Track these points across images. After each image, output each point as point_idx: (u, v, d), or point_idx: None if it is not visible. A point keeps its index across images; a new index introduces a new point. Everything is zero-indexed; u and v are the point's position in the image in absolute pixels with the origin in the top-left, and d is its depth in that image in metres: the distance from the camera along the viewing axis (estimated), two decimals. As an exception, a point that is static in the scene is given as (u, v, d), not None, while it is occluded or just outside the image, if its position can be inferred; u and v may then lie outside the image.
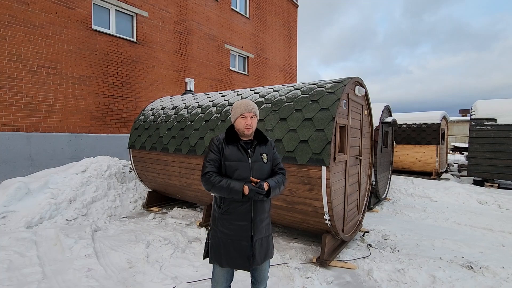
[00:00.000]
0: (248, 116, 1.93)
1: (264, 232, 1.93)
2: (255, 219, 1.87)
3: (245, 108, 1.93)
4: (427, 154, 9.73)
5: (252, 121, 1.94)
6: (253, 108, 1.96)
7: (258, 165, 1.92)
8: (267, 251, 1.97)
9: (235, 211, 1.86)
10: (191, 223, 4.62)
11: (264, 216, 1.93)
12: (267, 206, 1.97)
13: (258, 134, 2.02)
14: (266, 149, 2.00)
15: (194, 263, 3.16)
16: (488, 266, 3.17)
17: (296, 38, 16.19)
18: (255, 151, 1.94)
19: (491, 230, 4.57)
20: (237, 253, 1.85)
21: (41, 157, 6.41)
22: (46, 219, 4.25)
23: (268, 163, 1.97)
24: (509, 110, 7.80)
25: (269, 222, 2.00)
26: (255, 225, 1.87)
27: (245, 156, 1.91)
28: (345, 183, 3.54)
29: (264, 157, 1.95)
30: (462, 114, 29.15)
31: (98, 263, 3.05)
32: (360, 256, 3.48)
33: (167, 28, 9.23)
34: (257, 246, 1.89)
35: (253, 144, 1.96)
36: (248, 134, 1.93)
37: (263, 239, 1.93)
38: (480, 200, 6.27)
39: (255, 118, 1.98)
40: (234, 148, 1.92)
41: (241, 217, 1.86)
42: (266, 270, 2.05)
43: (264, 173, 1.94)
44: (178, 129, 4.60)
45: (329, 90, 3.34)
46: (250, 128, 1.93)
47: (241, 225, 1.85)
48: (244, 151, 1.92)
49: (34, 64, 6.36)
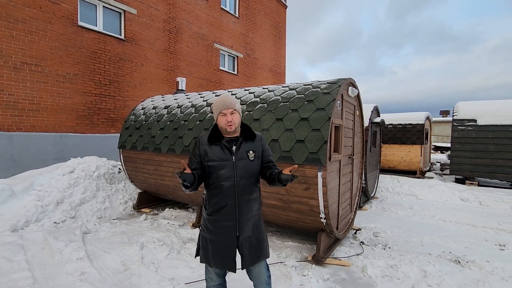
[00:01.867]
0: (227, 113, 1.82)
1: (252, 231, 1.87)
2: (240, 219, 1.83)
3: (222, 104, 1.83)
4: (412, 154, 10.06)
5: (233, 117, 1.83)
6: (231, 103, 1.84)
7: (243, 163, 1.84)
8: (259, 250, 1.88)
9: (220, 212, 1.83)
10: (184, 224, 4.57)
11: (250, 215, 1.87)
12: (254, 205, 1.90)
13: (245, 130, 1.92)
14: (254, 145, 1.90)
15: (190, 264, 3.14)
16: (474, 260, 3.33)
17: (285, 39, 16.31)
18: (240, 149, 1.85)
19: (474, 226, 4.79)
20: (224, 254, 1.82)
21: (24, 157, 6.15)
22: (32, 222, 4.09)
23: (255, 161, 1.88)
24: (488, 111, 8.19)
25: (258, 220, 1.93)
26: (240, 225, 1.83)
27: (228, 155, 1.83)
28: (339, 182, 3.62)
29: (251, 154, 1.86)
30: (442, 114, 30.28)
31: (91, 266, 2.97)
32: (353, 254, 3.56)
33: (156, 26, 9.08)
34: (245, 245, 1.83)
35: (238, 141, 1.87)
36: (231, 131, 1.84)
37: (251, 238, 1.86)
38: (463, 197, 6.55)
39: (236, 113, 1.86)
40: (217, 148, 1.85)
41: (226, 217, 1.82)
42: (262, 273, 1.95)
43: (250, 171, 1.86)
44: (171, 128, 4.54)
45: (324, 90, 3.40)
46: (232, 124, 1.82)
47: (227, 226, 1.82)
48: (228, 150, 1.84)
49: (17, 61, 6.09)
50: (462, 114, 8.52)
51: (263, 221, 2.01)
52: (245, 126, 1.95)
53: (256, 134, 1.95)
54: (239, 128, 1.91)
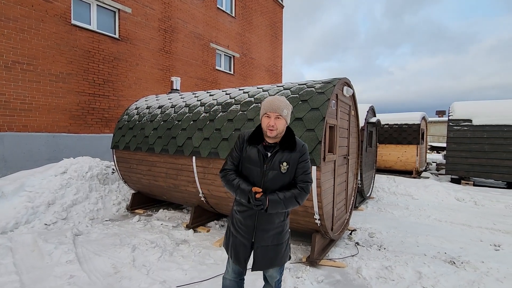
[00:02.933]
0: (272, 116, 1.69)
1: (271, 241, 1.79)
2: (258, 228, 1.78)
3: (269, 106, 1.71)
4: (408, 154, 10.07)
5: (277, 122, 1.69)
6: (279, 108, 1.69)
7: (274, 174, 1.71)
8: (274, 259, 1.82)
9: (242, 213, 1.82)
10: (178, 225, 4.51)
11: (271, 227, 1.79)
12: (277, 218, 1.79)
13: (286, 137, 1.77)
14: (290, 156, 1.73)
15: (183, 266, 3.08)
16: (469, 261, 3.31)
17: (282, 39, 16.29)
18: (274, 158, 1.72)
19: (470, 226, 4.78)
20: (238, 251, 1.83)
21: (15, 158, 6.05)
22: (22, 224, 4.01)
23: (287, 174, 1.73)
24: (483, 111, 8.22)
25: (280, 232, 1.82)
26: (257, 234, 1.79)
27: (261, 161, 1.73)
28: (334, 183, 3.58)
29: (284, 166, 1.71)
30: (438, 115, 30.49)
31: (81, 269, 2.90)
32: (348, 255, 3.53)
33: (151, 25, 9.00)
34: (259, 253, 1.79)
35: (274, 149, 1.75)
36: (271, 136, 1.71)
37: (269, 248, 1.79)
38: (458, 197, 6.56)
39: (282, 119, 1.71)
40: (254, 150, 1.76)
41: (246, 221, 1.81)
42: (274, 271, 1.92)
43: (278, 184, 1.73)
44: (164, 128, 4.48)
45: (319, 90, 3.36)
46: (274, 130, 1.69)
47: (245, 230, 1.81)
48: (262, 156, 1.73)
49: (8, 60, 5.99)
50: (457, 114, 8.54)
51: (288, 229, 1.91)
52: (289, 133, 1.79)
53: (297, 143, 1.78)
54: (281, 135, 1.77)
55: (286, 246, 1.89)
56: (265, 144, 1.78)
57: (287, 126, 1.80)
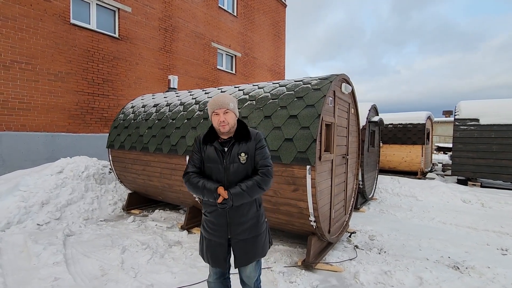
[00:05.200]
0: (220, 113, 1.73)
1: (248, 233, 1.80)
2: (231, 223, 1.78)
3: (214, 104, 1.75)
4: (413, 154, 9.84)
5: (226, 117, 1.73)
6: (224, 103, 1.74)
7: (235, 166, 1.74)
8: (254, 251, 1.82)
9: (212, 213, 1.81)
10: (172, 226, 4.41)
11: (245, 219, 1.78)
12: (250, 208, 1.79)
13: (239, 129, 1.81)
14: (247, 147, 1.77)
15: (172, 269, 2.98)
16: (474, 266, 3.14)
17: (284, 38, 16.14)
18: (231, 151, 1.75)
19: (476, 229, 4.58)
20: (215, 253, 1.82)
21: (13, 157, 6.04)
22: (14, 224, 3.95)
23: (247, 164, 1.76)
24: (491, 110, 7.96)
25: (255, 223, 1.83)
26: (231, 229, 1.79)
27: (220, 158, 1.76)
28: (332, 183, 3.44)
29: (242, 157, 1.74)
30: (445, 115, 29.95)
31: (67, 272, 2.82)
32: (346, 258, 3.38)
33: (152, 24, 8.95)
34: (238, 248, 1.80)
35: (230, 143, 1.78)
36: (224, 131, 1.75)
37: (248, 240, 1.80)
38: (464, 199, 6.34)
39: (230, 112, 1.76)
40: (211, 149, 1.79)
41: (218, 220, 1.80)
42: (251, 270, 1.88)
43: (241, 176, 1.75)
44: (159, 127, 4.39)
45: (315, 86, 3.23)
46: (226, 125, 1.73)
47: (219, 228, 1.80)
48: (220, 152, 1.77)
49: (6, 59, 5.98)
50: (464, 114, 8.29)
51: (265, 220, 1.92)
52: (241, 125, 1.83)
53: (251, 133, 1.81)
54: (235, 129, 1.81)
55: (265, 237, 1.90)
56: (220, 141, 1.81)
57: (238, 119, 1.84)
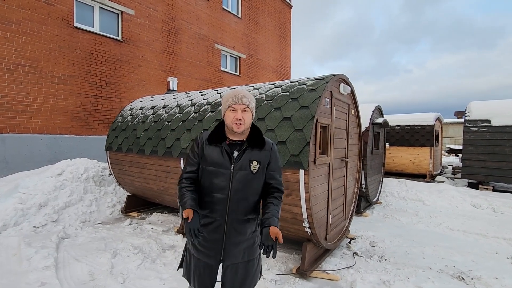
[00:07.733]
0: (238, 109, 1.48)
1: (242, 257, 1.55)
2: (228, 241, 1.52)
3: (234, 98, 1.49)
4: (421, 156, 9.54)
5: (244, 116, 1.49)
6: (245, 99, 1.49)
7: (243, 174, 1.50)
8: (245, 279, 1.57)
9: (207, 227, 1.53)
10: (168, 230, 4.35)
11: (242, 238, 1.54)
12: (249, 227, 1.56)
13: (254, 134, 1.58)
14: (261, 155, 1.54)
15: (162, 275, 2.90)
16: (481, 277, 2.95)
17: (290, 39, 16.02)
18: (242, 157, 1.51)
19: (485, 236, 4.35)
20: (204, 276, 1.54)
21: (16, 159, 6.11)
22: (10, 226, 3.96)
23: (258, 174, 1.53)
24: (503, 111, 7.63)
25: (251, 244, 1.58)
26: (226, 249, 1.52)
27: (227, 162, 1.50)
28: (329, 187, 3.30)
29: (254, 165, 1.51)
30: (457, 116, 29.14)
31: (55, 276, 2.77)
32: (344, 266, 3.23)
33: (155, 26, 8.99)
34: (229, 273, 1.54)
35: (242, 147, 1.53)
36: (238, 131, 1.49)
37: (239, 265, 1.55)
38: (474, 203, 6.07)
39: (249, 112, 1.52)
40: (217, 150, 1.53)
41: (212, 236, 1.53)
42: None
43: (250, 186, 1.52)
44: (155, 129, 4.35)
45: (310, 87, 3.11)
46: (241, 124, 1.48)
47: (212, 246, 1.53)
48: (228, 155, 1.51)
49: (10, 63, 6.08)
50: (475, 115, 7.98)
51: (258, 243, 1.63)
52: (255, 130, 1.59)
53: (266, 141, 1.59)
54: (248, 131, 1.57)
55: (257, 263, 1.65)
56: (228, 142, 1.56)
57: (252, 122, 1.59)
